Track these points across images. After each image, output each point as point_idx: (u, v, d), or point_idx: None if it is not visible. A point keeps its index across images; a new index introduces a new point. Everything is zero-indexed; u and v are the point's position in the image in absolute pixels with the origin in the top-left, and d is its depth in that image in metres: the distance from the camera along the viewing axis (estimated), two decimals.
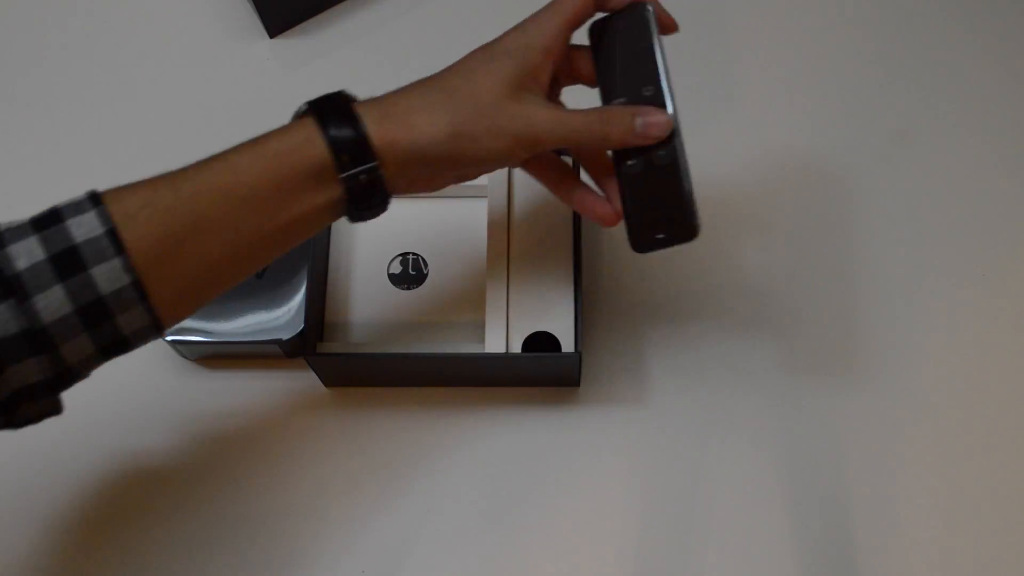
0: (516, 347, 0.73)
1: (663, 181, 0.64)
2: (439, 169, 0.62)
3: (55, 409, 0.59)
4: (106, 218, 0.55)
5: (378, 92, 0.62)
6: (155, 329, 0.58)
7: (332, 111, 0.59)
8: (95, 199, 0.56)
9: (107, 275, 0.55)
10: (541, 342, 0.73)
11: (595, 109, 0.64)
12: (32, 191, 0.60)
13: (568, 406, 0.77)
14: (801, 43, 0.87)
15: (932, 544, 0.72)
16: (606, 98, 0.65)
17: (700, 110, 0.75)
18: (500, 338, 0.73)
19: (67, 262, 0.54)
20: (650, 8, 0.64)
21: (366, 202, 0.60)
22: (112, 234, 0.55)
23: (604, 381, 0.77)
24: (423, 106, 0.60)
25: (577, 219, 0.76)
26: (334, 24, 0.90)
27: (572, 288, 0.75)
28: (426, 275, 0.78)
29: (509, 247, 0.76)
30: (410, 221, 0.79)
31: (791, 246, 0.81)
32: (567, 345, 0.73)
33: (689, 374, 0.77)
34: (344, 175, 0.58)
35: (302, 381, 0.77)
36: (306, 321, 0.74)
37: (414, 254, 0.78)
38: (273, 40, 0.89)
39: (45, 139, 0.87)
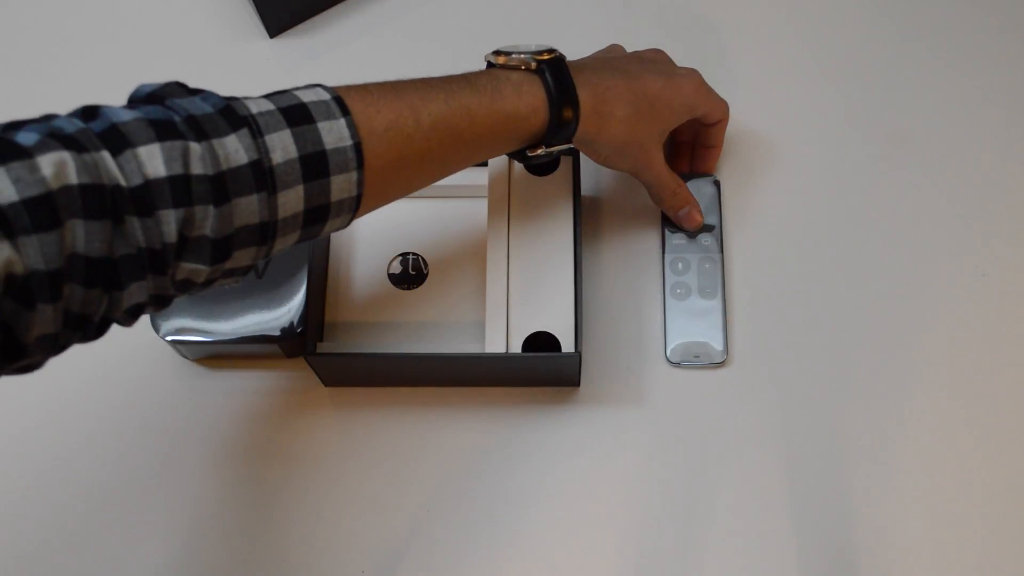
0: (516, 347, 0.73)
1: (705, 316, 0.77)
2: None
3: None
4: (354, 131, 0.58)
5: None
6: (337, 230, 0.62)
7: (563, 91, 0.66)
8: (342, 106, 0.58)
9: (342, 184, 0.58)
10: (541, 342, 0.73)
11: (678, 182, 0.77)
12: None
13: (568, 406, 0.77)
14: (801, 42, 0.87)
15: (932, 543, 0.72)
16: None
17: None
18: (500, 338, 0.73)
19: (314, 166, 0.56)
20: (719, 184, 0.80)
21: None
22: (358, 148, 0.58)
23: (604, 381, 0.77)
24: (620, 118, 0.69)
25: (577, 219, 0.76)
26: (334, 24, 0.90)
27: (572, 288, 0.74)
28: (426, 275, 0.78)
29: (509, 247, 0.76)
30: (410, 221, 0.78)
31: (789, 246, 0.81)
32: (567, 345, 0.73)
33: (689, 374, 0.77)
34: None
35: (302, 381, 0.77)
36: (306, 321, 0.74)
37: (414, 254, 0.78)
38: (273, 40, 0.89)
39: None
